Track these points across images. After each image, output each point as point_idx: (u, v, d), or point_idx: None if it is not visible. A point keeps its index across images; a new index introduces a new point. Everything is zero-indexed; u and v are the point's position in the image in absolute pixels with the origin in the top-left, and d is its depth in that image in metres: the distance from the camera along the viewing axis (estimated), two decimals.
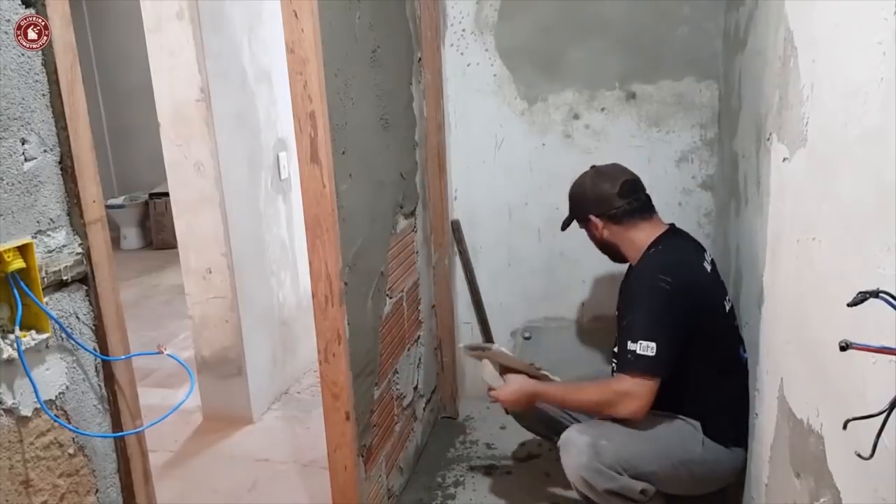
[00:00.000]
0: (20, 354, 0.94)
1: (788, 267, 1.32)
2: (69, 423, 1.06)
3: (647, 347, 1.62)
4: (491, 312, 2.69)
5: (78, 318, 1.08)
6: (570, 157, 2.50)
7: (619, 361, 1.71)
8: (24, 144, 0.96)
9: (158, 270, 5.26)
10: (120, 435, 1.17)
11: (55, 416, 1.03)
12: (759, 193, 1.61)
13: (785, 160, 1.35)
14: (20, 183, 0.96)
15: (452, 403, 2.74)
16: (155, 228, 6.04)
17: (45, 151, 1.01)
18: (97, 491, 1.14)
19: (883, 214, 0.86)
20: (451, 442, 2.55)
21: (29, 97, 0.97)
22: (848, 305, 0.75)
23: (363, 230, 1.86)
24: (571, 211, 1.93)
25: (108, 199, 5.81)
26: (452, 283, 2.73)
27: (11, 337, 0.94)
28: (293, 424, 2.77)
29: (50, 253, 1.02)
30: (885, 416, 0.71)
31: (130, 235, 6.12)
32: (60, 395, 1.05)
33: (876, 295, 0.73)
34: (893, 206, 0.83)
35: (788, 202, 1.33)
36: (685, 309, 1.65)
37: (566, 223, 1.97)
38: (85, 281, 1.09)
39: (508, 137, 2.59)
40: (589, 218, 1.85)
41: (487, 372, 1.99)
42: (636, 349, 1.63)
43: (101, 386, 1.14)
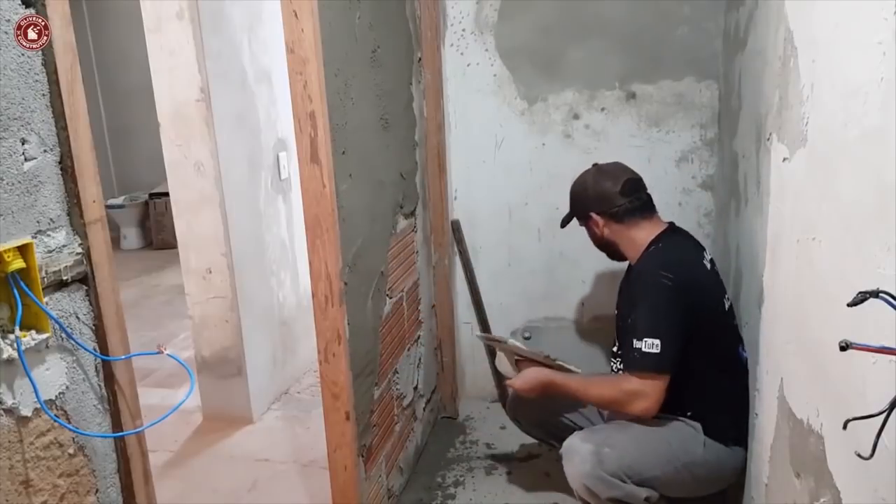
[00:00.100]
0: (20, 354, 0.94)
1: (788, 267, 1.32)
2: (69, 423, 1.06)
3: (652, 345, 1.62)
4: (491, 312, 2.69)
5: (78, 318, 1.08)
6: (570, 157, 2.50)
7: (625, 360, 1.73)
8: (24, 144, 0.96)
9: (158, 270, 5.26)
10: (120, 435, 1.17)
11: (55, 416, 1.03)
12: (759, 193, 1.61)
13: (785, 160, 1.35)
14: (20, 183, 0.96)
15: (452, 403, 2.74)
16: (155, 228, 6.04)
17: (45, 151, 1.01)
18: (97, 491, 1.14)
19: (883, 214, 0.86)
20: (451, 442, 2.55)
21: (29, 97, 0.97)
22: (848, 305, 0.75)
23: (363, 230, 1.86)
24: (572, 208, 1.93)
25: (108, 199, 5.81)
26: (452, 283, 2.73)
27: (11, 337, 0.94)
28: (293, 424, 2.77)
29: (50, 253, 1.02)
30: (885, 416, 0.71)
31: (130, 235, 6.12)
32: (60, 395, 1.05)
33: (876, 295, 0.73)
34: (893, 206, 0.83)
35: (788, 202, 1.33)
36: (686, 305, 1.65)
37: (566, 220, 1.97)
38: (85, 281, 1.09)
39: (508, 137, 2.59)
40: (590, 216, 1.85)
41: (503, 363, 2.05)
42: (641, 347, 1.64)
43: (101, 386, 1.14)
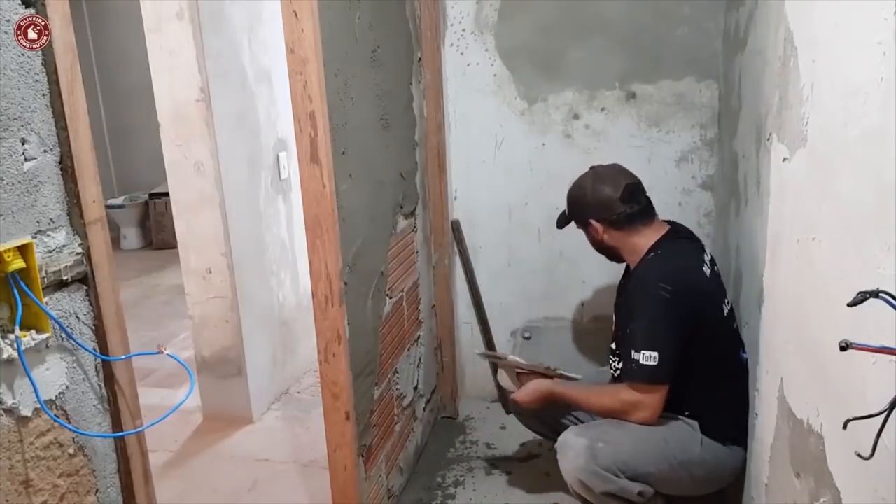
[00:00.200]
0: (20, 354, 0.94)
1: (788, 267, 1.32)
2: (69, 423, 1.06)
3: (650, 357, 1.64)
4: (491, 312, 2.69)
5: (78, 318, 1.08)
6: (570, 156, 2.50)
7: (624, 370, 1.75)
8: (24, 144, 0.96)
9: (158, 270, 5.26)
10: (120, 435, 1.17)
11: (55, 416, 1.03)
12: (759, 193, 1.61)
13: (785, 160, 1.35)
14: (20, 183, 0.96)
15: (452, 403, 2.74)
16: (155, 228, 6.04)
17: (45, 151, 1.01)
18: (97, 491, 1.14)
19: (883, 214, 0.86)
20: (451, 442, 2.55)
21: (29, 97, 0.97)
22: (848, 305, 0.75)
23: (363, 230, 1.86)
24: (570, 213, 1.90)
25: (108, 199, 5.81)
26: (452, 283, 2.73)
27: (11, 337, 0.94)
28: (293, 424, 2.77)
29: (50, 253, 1.02)
30: (885, 416, 0.71)
31: (130, 235, 6.11)
32: (60, 395, 1.05)
33: (876, 295, 0.73)
34: (893, 206, 0.83)
35: (788, 202, 1.33)
36: (685, 314, 1.65)
37: (562, 223, 1.94)
38: (85, 281, 1.09)
39: (508, 137, 2.59)
40: (589, 222, 1.83)
41: (504, 379, 2.12)
42: (639, 359, 1.65)
43: (101, 386, 1.14)
